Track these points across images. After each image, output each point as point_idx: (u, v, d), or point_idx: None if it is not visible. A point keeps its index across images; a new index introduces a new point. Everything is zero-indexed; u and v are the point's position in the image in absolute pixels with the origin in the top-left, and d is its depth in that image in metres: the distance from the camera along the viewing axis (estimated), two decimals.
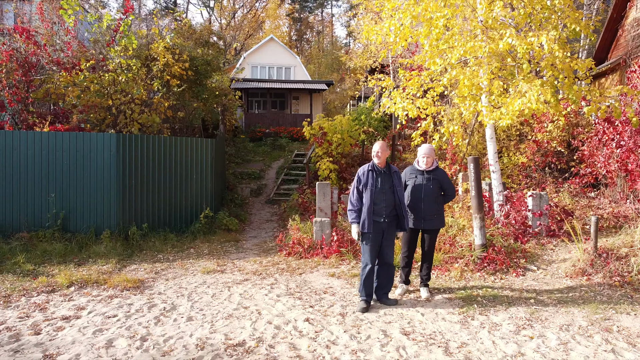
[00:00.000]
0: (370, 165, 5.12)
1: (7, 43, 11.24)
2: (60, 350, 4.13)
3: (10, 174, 8.16)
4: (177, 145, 9.48)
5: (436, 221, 5.27)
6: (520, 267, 6.27)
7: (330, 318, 4.82)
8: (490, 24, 7.19)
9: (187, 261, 7.35)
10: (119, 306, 5.25)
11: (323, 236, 7.49)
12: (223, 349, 4.10)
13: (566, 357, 3.83)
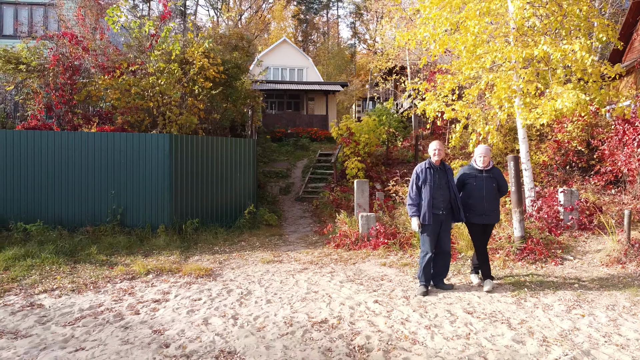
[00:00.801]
0: (428, 163, 5.62)
1: (54, 48, 11.79)
2: (164, 327, 4.64)
3: (72, 172, 8.69)
4: (222, 145, 10.00)
5: (495, 217, 5.68)
6: (558, 257, 6.77)
7: (396, 300, 5.32)
8: (525, 30, 7.68)
9: (243, 253, 7.87)
10: (200, 291, 5.76)
11: (370, 229, 8.01)
12: (310, 325, 4.61)
13: (617, 331, 4.33)
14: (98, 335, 4.44)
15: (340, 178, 14.03)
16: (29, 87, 12.34)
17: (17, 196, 8.45)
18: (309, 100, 27.56)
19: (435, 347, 4.05)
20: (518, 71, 7.76)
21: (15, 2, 19.41)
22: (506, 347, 4.01)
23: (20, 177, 8.52)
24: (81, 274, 6.45)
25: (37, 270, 6.47)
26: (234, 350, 4.04)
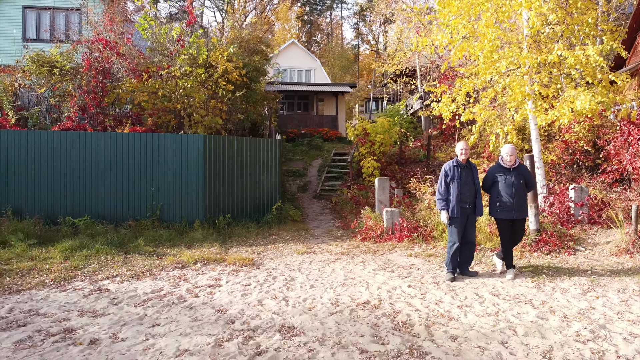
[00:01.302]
0: (455, 161, 6.16)
1: (87, 53, 12.36)
2: (224, 307, 5.20)
3: (114, 170, 9.26)
4: (251, 145, 10.56)
5: (524, 212, 6.13)
6: (570, 248, 7.32)
7: (427, 285, 5.87)
8: (540, 37, 8.23)
9: (277, 245, 8.44)
10: (247, 278, 6.33)
11: (394, 223, 8.57)
12: (354, 306, 5.17)
13: (629, 309, 4.87)
14: (168, 314, 5.00)
15: (356, 177, 14.58)
16: (62, 89, 12.94)
17: (64, 193, 9.02)
18: (319, 101, 28.11)
19: (469, 323, 4.60)
20: (532, 76, 8.31)
21: (38, 6, 19.99)
22: (532, 322, 4.56)
23: (67, 175, 9.09)
24: (134, 263, 7.02)
25: (94, 260, 7.05)
26: (293, 326, 4.59)
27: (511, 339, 4.17)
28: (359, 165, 14.53)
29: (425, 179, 11.26)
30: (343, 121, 28.55)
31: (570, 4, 8.74)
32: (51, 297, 5.54)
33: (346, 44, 66.80)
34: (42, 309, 5.14)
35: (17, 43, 19.70)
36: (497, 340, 4.15)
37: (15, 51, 18.95)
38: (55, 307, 5.19)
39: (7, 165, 8.86)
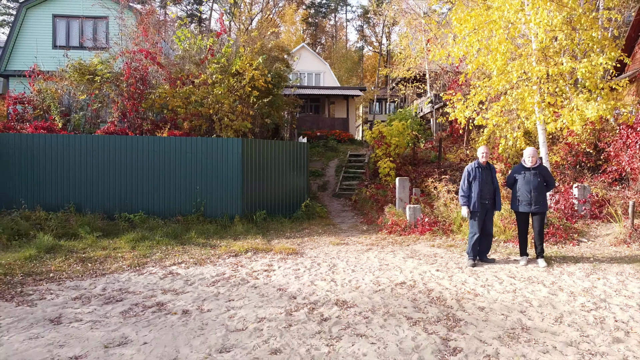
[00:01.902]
0: (476, 163, 7.07)
1: (128, 62, 13.30)
2: (283, 287, 6.13)
3: (163, 171, 10.19)
4: (282, 148, 11.49)
5: (542, 206, 6.95)
6: (574, 240, 8.23)
7: (452, 269, 6.79)
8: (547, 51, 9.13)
9: (312, 237, 9.38)
10: (295, 264, 7.25)
11: (417, 218, 9.49)
12: (393, 285, 6.08)
13: (625, 288, 5.77)
14: (237, 292, 5.93)
15: (373, 177, 15.50)
16: (103, 96, 13.89)
17: (118, 191, 9.96)
18: (331, 104, 29.04)
19: (492, 297, 5.52)
20: (541, 86, 9.21)
21: (67, 15, 20.94)
22: (544, 297, 5.47)
23: (121, 175, 10.04)
24: (192, 252, 7.96)
25: (157, 249, 7.99)
26: (346, 301, 5.51)
27: (528, 309, 5.09)
28: (375, 165, 15.44)
29: (441, 179, 12.16)
30: (354, 123, 29.45)
31: (575, 20, 9.65)
32: (133, 279, 6.48)
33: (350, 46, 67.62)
34: (129, 288, 6.08)
35: (48, 50, 20.69)
36: (517, 310, 5.07)
37: (47, 57, 19.96)
38: (140, 287, 6.12)
39: (68, 166, 9.81)
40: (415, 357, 3.93)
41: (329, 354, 4.01)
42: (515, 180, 7.11)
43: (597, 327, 4.54)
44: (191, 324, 4.81)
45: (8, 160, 9.58)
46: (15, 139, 9.73)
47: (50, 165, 9.76)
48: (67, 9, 20.79)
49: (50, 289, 6.00)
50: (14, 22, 20.58)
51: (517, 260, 7.24)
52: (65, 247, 7.86)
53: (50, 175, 9.72)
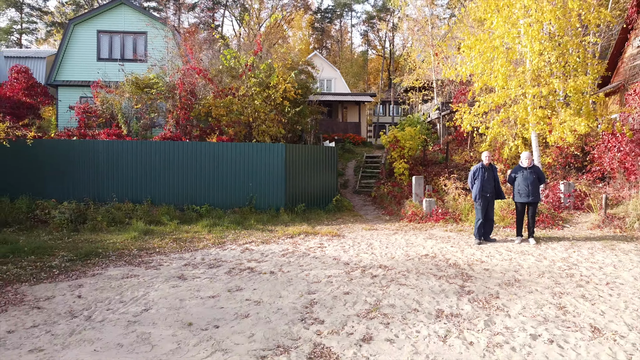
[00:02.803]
0: (481, 164, 8.95)
1: (181, 77, 15.22)
2: (336, 257, 8.01)
3: (221, 170, 12.09)
4: (316, 152, 13.39)
5: (536, 197, 8.76)
6: (559, 225, 10.10)
7: (463, 246, 8.68)
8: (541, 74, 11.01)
9: (347, 224, 11.28)
10: (340, 243, 9.15)
11: (432, 209, 11.38)
12: (420, 256, 7.97)
13: (593, 258, 7.63)
14: (303, 260, 7.82)
15: (388, 176, 17.39)
16: (154, 106, 15.82)
17: (186, 188, 11.88)
18: (344, 109, 30.92)
19: (494, 263, 7.41)
20: (533, 100, 11.08)
21: (110, 30, 22.88)
22: (532, 263, 7.35)
23: (188, 175, 11.95)
24: (256, 235, 9.87)
25: (228, 233, 9.91)
26: (386, 265, 7.40)
27: (520, 270, 6.97)
28: (390, 166, 17.33)
29: (450, 177, 14.03)
30: (365, 127, 31.32)
31: (563, 44, 11.52)
32: (220, 253, 8.39)
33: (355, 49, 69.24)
34: (221, 258, 7.98)
35: (93, 62, 22.66)
36: (512, 270, 6.95)
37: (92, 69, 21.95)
38: (229, 257, 8.03)
39: (145, 167, 11.73)
40: (442, 295, 5.82)
41: (383, 294, 5.91)
42: (515, 177, 8.98)
43: (567, 279, 6.43)
44: (280, 279, 6.70)
45: (98, 162, 11.50)
46: (102, 145, 11.66)
47: (131, 166, 11.68)
48: (110, 26, 22.72)
49: (162, 259, 7.92)
50: (63, 37, 22.55)
51: (513, 239, 9.13)
52: (156, 231, 9.80)
53: (131, 174, 11.64)
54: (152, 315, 5.26)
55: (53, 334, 4.76)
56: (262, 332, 4.72)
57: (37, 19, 60.38)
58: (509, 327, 4.77)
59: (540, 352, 4.17)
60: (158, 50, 19.92)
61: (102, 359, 4.14)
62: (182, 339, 4.58)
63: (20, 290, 6.21)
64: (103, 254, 8.04)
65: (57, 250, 8.15)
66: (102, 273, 7.02)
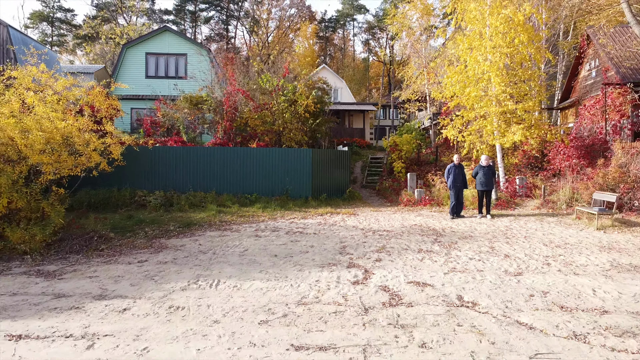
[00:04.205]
0: (453, 164, 12.41)
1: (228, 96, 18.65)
2: (355, 226, 11.48)
3: (265, 169, 15.54)
4: (334, 154, 16.86)
5: (491, 186, 12.23)
6: (513, 207, 13.54)
7: (440, 220, 12.13)
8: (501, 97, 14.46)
9: (359, 207, 14.76)
10: (356, 218, 12.62)
11: (422, 197, 14.85)
12: (411, 226, 11.42)
13: (526, 225, 11.08)
14: (333, 227, 11.26)
15: (389, 173, 20.84)
16: (204, 118, 19.30)
17: (240, 181, 15.33)
18: (350, 116, 34.39)
19: (460, 229, 10.86)
20: (497, 116, 14.53)
21: (156, 52, 26.35)
22: (485, 228, 10.79)
23: (241, 172, 15.39)
24: (295, 214, 13.34)
25: (276, 212, 13.38)
26: (388, 230, 10.83)
27: (475, 231, 10.43)
28: (390, 165, 20.78)
29: (436, 174, 17.47)
30: (368, 132, 34.76)
31: (517, 76, 14.96)
32: (275, 224, 11.86)
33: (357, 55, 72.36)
34: (277, 226, 11.46)
35: (142, 79, 26.17)
36: (469, 231, 10.40)
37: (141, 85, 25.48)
38: (282, 226, 11.50)
39: (210, 165, 15.23)
40: (422, 242, 9.31)
41: (387, 242, 9.37)
42: (477, 173, 12.47)
43: (501, 235, 9.89)
44: (321, 236, 10.18)
45: (177, 163, 15.00)
46: (179, 150, 15.16)
47: (200, 165, 15.16)
48: (156, 48, 26.21)
49: (238, 227, 11.41)
50: (118, 59, 26.09)
51: (476, 216, 12.59)
52: (225, 211, 13.30)
53: (201, 171, 15.12)
54: (250, 252, 8.74)
55: (199, 259, 8.23)
56: (319, 257, 8.20)
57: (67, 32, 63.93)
58: (458, 255, 8.24)
59: (472, 265, 7.64)
60: (198, 69, 23.41)
61: (235, 270, 7.61)
62: (274, 262, 8.03)
63: (162, 242, 9.72)
64: (198, 224, 11.55)
65: (166, 221, 11.66)
66: (205, 234, 10.53)
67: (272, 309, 5.61)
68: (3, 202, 8.11)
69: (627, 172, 12.16)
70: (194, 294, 6.23)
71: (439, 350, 4.45)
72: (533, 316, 5.34)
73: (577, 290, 6.26)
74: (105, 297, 6.22)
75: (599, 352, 4.40)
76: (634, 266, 7.38)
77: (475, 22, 14.73)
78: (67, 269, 7.65)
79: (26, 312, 5.72)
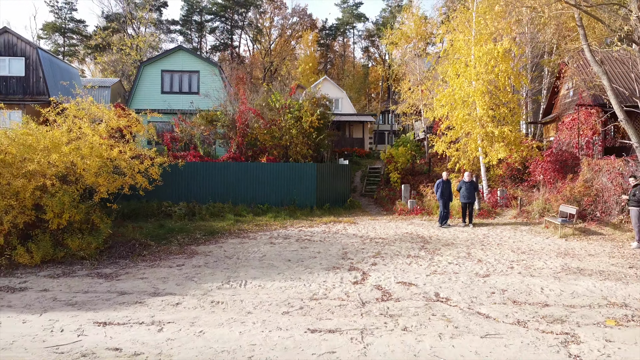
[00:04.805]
0: (441, 180, 14.01)
1: (240, 115, 20.24)
2: (355, 234, 13.06)
3: (276, 181, 17.14)
4: (336, 168, 18.47)
5: (473, 199, 13.79)
6: (493, 216, 15.13)
7: (429, 228, 13.73)
8: (484, 120, 16.08)
9: (359, 216, 16.36)
10: (356, 226, 14.18)
11: (414, 207, 16.46)
12: (403, 234, 13.01)
13: (500, 233, 12.67)
14: (336, 235, 12.84)
15: (386, 183, 22.44)
16: (219, 134, 20.92)
17: (253, 193, 16.93)
18: (350, 126, 36.01)
19: (444, 236, 12.45)
20: (480, 136, 16.14)
21: (171, 70, 27.94)
22: (466, 236, 12.38)
23: (254, 184, 17.00)
24: (303, 222, 14.93)
25: (286, 221, 14.98)
26: (383, 237, 12.43)
27: (456, 239, 12.01)
28: (387, 176, 22.39)
29: (427, 185, 19.08)
30: (367, 141, 36.37)
31: (498, 99, 16.57)
32: (286, 232, 13.45)
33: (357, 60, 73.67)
34: (288, 234, 13.05)
35: (157, 95, 27.78)
36: (451, 239, 11.99)
37: (157, 100, 27.08)
38: (292, 234, 13.10)
39: (228, 179, 16.84)
40: (411, 249, 10.91)
41: (382, 249, 10.96)
42: (461, 187, 14.08)
43: (478, 242, 11.50)
44: (326, 243, 11.78)
45: (197, 176, 16.63)
46: (199, 165, 16.77)
47: (218, 178, 16.78)
48: (171, 66, 27.80)
49: (254, 235, 13.01)
50: (136, 76, 27.75)
51: (459, 225, 14.20)
52: (241, 220, 14.91)
53: (219, 184, 16.74)
54: (268, 257, 10.33)
55: (227, 263, 9.82)
56: (325, 262, 9.80)
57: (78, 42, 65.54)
58: (440, 260, 9.83)
59: (450, 268, 9.22)
60: (210, 87, 25.06)
61: (258, 272, 9.20)
62: (288, 265, 9.62)
63: (192, 248, 11.32)
64: (220, 232, 13.16)
65: (192, 230, 13.28)
66: (227, 241, 12.13)
67: (290, 303, 7.20)
68: (66, 216, 9.73)
69: (591, 187, 13.75)
70: (228, 292, 7.82)
71: (417, 332, 6.03)
72: (490, 308, 6.92)
73: (529, 288, 7.84)
74: (159, 294, 7.80)
75: (532, 333, 5.97)
76: (580, 269, 8.97)
77: (462, 52, 16.35)
78: (120, 272, 9.25)
79: (102, 305, 7.31)
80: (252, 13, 67.97)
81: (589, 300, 7.26)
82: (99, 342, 5.94)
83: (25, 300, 7.62)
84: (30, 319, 6.74)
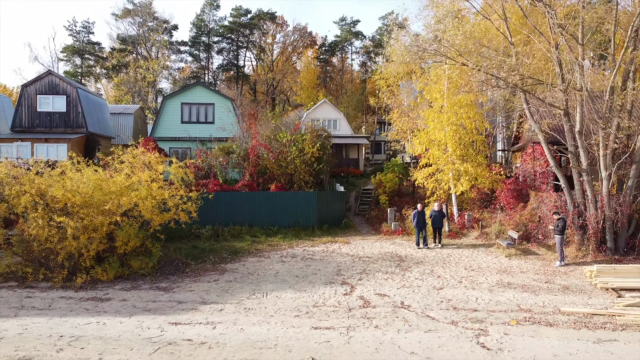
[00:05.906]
0: (417, 210, 16.98)
1: (252, 148, 23.24)
2: (347, 253, 16.03)
3: (283, 206, 20.12)
4: (333, 194, 21.49)
5: (441, 225, 16.72)
6: (460, 237, 18.10)
7: (407, 248, 16.68)
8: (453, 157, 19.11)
9: (352, 236, 19.33)
10: (349, 245, 17.11)
11: (397, 228, 19.44)
12: (385, 253, 15.97)
13: (461, 253, 15.63)
14: (332, 254, 15.78)
15: (376, 204, 25.44)
16: (234, 164, 23.95)
17: (266, 216, 19.90)
18: (346, 148, 39.03)
19: (417, 255, 15.41)
20: (451, 171, 19.16)
21: (189, 102, 30.93)
22: (432, 255, 15.35)
23: (267, 209, 19.98)
24: (306, 243, 17.90)
25: (292, 242, 17.95)
26: (368, 256, 15.38)
27: (425, 258, 14.95)
28: (377, 198, 25.39)
29: (410, 207, 22.05)
30: (362, 162, 39.43)
31: (465, 139, 19.59)
32: (293, 251, 16.41)
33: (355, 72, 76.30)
34: (295, 253, 16.00)
35: (178, 124, 30.77)
36: (422, 258, 14.95)
37: (177, 129, 30.06)
38: (298, 253, 16.07)
39: (244, 205, 19.84)
40: (389, 266, 13.89)
41: (367, 266, 13.92)
42: (432, 215, 17.07)
43: (441, 261, 14.48)
44: (324, 262, 14.73)
45: (219, 204, 19.63)
46: (221, 194, 19.80)
47: (235, 205, 19.78)
48: (189, 99, 30.81)
49: (268, 254, 15.97)
50: (160, 108, 30.84)
51: (431, 245, 17.18)
52: (257, 240, 17.88)
53: (237, 210, 19.75)
54: (281, 273, 13.30)
55: (250, 279, 12.80)
56: (324, 277, 12.77)
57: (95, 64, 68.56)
58: (409, 276, 12.80)
59: (415, 282, 12.19)
60: (225, 119, 28.15)
61: (274, 286, 12.18)
62: (297, 280, 12.58)
63: (222, 266, 14.29)
64: (241, 252, 16.14)
65: (219, 250, 16.25)
66: (247, 260, 15.11)
67: (299, 309, 10.17)
68: (131, 244, 12.73)
69: (536, 214, 16.75)
70: (255, 301, 10.80)
71: (383, 329, 8.99)
72: (437, 313, 9.88)
73: (468, 298, 10.82)
74: (206, 303, 10.76)
75: (459, 330, 8.93)
76: (509, 283, 11.95)
77: (436, 100, 19.43)
78: (173, 286, 12.21)
79: (169, 311, 10.27)
80: (256, 35, 71.01)
81: (506, 307, 10.21)
82: (176, 335, 8.88)
83: (113, 307, 10.56)
84: (124, 321, 9.67)
